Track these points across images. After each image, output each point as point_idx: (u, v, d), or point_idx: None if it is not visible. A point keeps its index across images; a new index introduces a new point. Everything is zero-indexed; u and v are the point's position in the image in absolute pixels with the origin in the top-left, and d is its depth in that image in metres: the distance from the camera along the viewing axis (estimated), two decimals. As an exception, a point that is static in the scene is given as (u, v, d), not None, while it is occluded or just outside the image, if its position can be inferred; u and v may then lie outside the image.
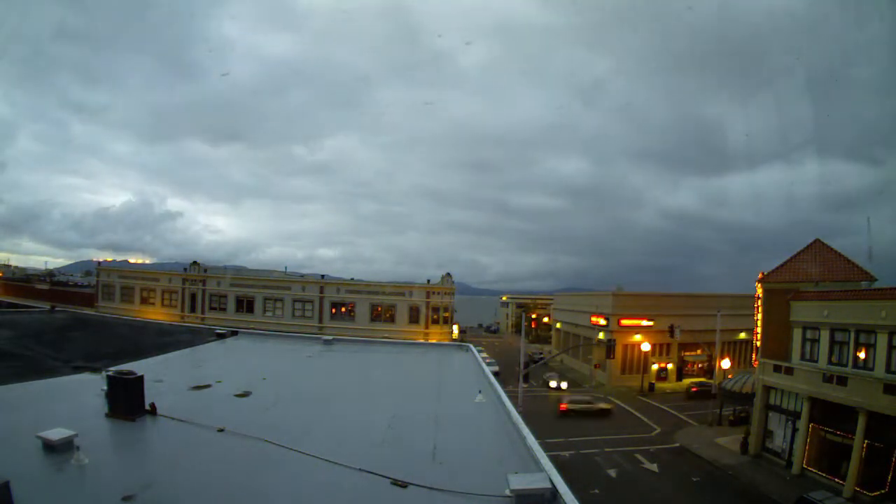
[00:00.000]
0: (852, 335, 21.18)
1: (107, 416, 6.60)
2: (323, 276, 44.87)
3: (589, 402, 33.15)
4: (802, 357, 23.63)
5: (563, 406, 32.17)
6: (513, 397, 11.15)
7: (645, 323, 43.19)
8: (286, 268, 51.88)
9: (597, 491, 20.29)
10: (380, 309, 42.00)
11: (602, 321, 44.62)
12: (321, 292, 42.58)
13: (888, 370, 19.35)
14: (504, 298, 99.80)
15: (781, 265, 26.86)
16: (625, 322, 43.27)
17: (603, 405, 33.01)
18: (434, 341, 31.55)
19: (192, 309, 43.75)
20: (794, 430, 23.02)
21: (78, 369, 9.55)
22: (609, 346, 32.91)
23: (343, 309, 42.36)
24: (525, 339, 37.73)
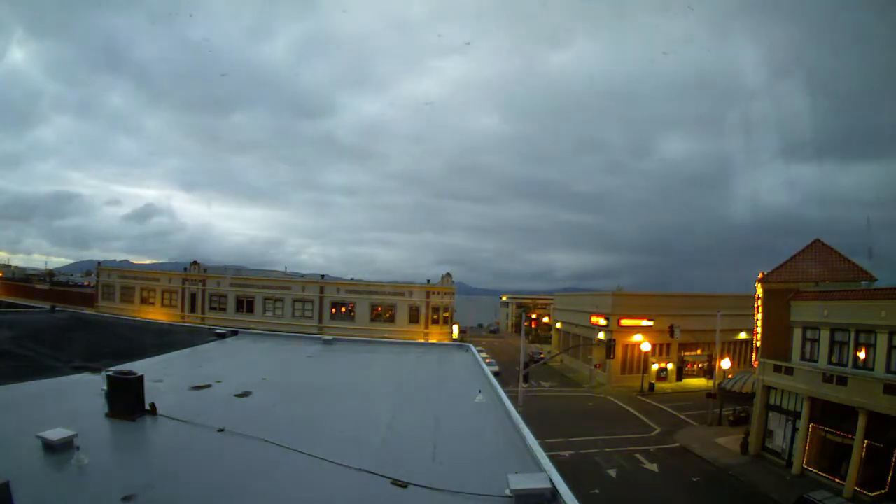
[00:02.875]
0: (852, 335, 21.18)
1: (107, 416, 6.60)
2: (323, 276, 44.88)
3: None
4: (802, 357, 23.63)
5: None
6: (513, 397, 11.15)
7: (645, 323, 43.18)
8: (286, 268, 51.97)
9: (597, 491, 20.29)
10: (380, 309, 42.00)
11: (602, 321, 44.62)
12: (321, 292, 42.59)
13: (888, 370, 19.36)
14: (504, 298, 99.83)
15: (781, 265, 26.86)
16: (625, 322, 43.27)
17: None
18: (434, 341, 31.56)
19: (192, 309, 43.75)
20: (794, 430, 23.03)
21: (78, 369, 9.54)
22: (609, 346, 32.92)
23: (343, 309, 42.36)
24: (525, 339, 37.73)
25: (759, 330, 26.87)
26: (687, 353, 44.32)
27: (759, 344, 26.82)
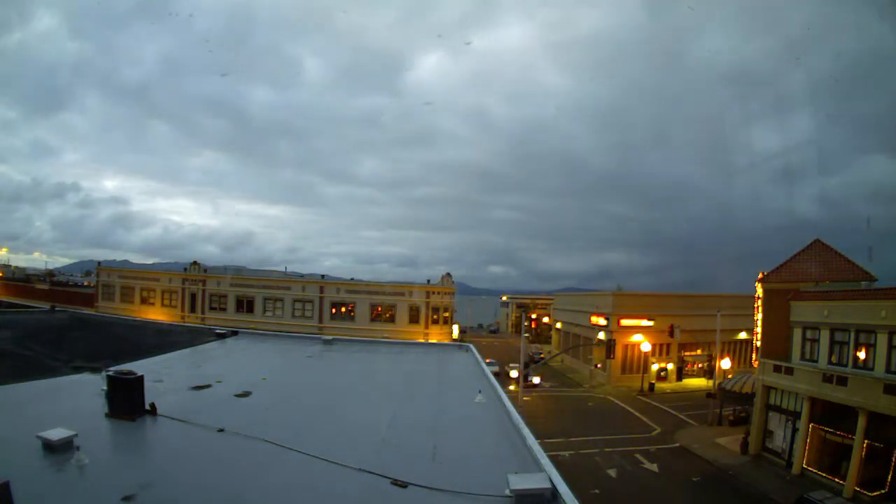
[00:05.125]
0: (852, 335, 21.17)
1: (107, 416, 6.61)
2: (323, 276, 44.90)
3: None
4: (802, 357, 23.62)
5: None
6: (513, 397, 11.15)
7: (645, 323, 43.17)
8: (286, 268, 51.95)
9: (597, 491, 20.28)
10: (380, 309, 41.98)
11: (602, 321, 44.62)
12: (321, 292, 42.58)
13: (888, 370, 19.34)
14: (504, 298, 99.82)
15: (781, 265, 26.85)
16: (625, 322, 43.26)
17: None
18: (434, 341, 31.56)
19: (192, 309, 43.73)
20: (794, 430, 23.01)
21: (78, 369, 9.57)
22: (609, 346, 32.91)
23: (343, 309, 42.35)
24: (525, 339, 37.73)
25: (759, 330, 26.85)
26: (687, 353, 44.30)
27: (759, 344, 26.80)
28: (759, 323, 26.76)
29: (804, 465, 21.99)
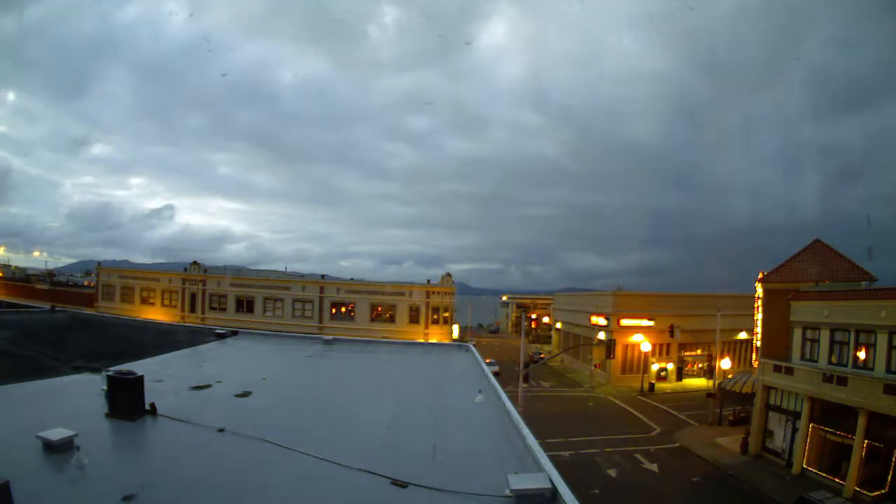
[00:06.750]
0: (852, 335, 21.16)
1: (107, 416, 6.61)
2: (323, 276, 44.90)
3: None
4: (802, 357, 23.62)
5: None
6: (513, 397, 11.16)
7: (645, 323, 43.18)
8: (286, 267, 51.90)
9: (597, 491, 20.28)
10: (380, 309, 41.98)
11: (602, 321, 44.62)
12: (321, 292, 42.58)
13: (888, 370, 19.33)
14: (504, 298, 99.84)
15: (781, 265, 26.86)
16: (625, 322, 43.26)
17: None
18: (434, 341, 31.56)
19: (192, 309, 43.73)
20: (794, 430, 23.02)
21: (78, 369, 9.56)
22: (609, 346, 32.88)
23: (343, 309, 42.34)
24: (525, 339, 37.72)
25: (759, 330, 26.85)
26: (687, 353, 44.31)
27: (759, 344, 26.79)
28: (759, 323, 26.76)
29: (804, 465, 21.99)
